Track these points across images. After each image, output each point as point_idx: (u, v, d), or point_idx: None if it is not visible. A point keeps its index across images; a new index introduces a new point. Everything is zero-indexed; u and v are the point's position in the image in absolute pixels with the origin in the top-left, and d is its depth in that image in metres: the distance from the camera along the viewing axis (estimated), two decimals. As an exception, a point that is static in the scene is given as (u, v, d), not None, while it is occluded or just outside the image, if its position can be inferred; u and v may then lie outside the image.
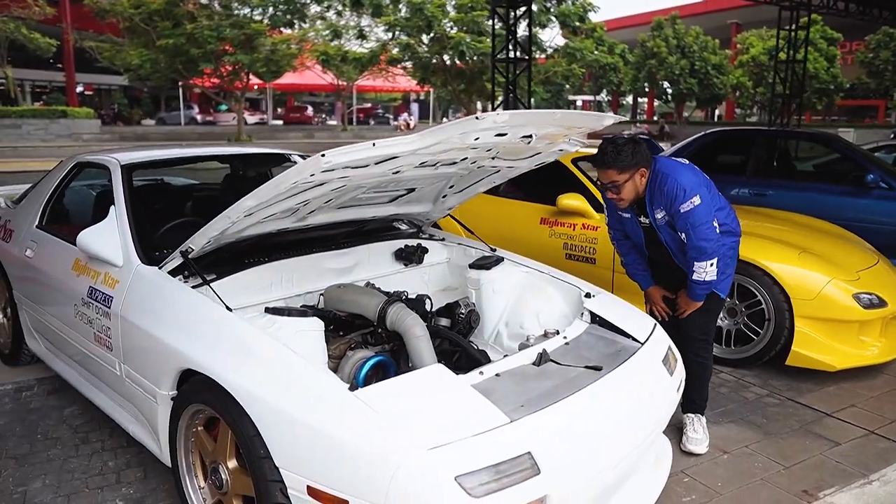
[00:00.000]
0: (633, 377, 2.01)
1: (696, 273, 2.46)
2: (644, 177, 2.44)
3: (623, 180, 2.41)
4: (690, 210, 2.39)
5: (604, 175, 2.44)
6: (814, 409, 3.05)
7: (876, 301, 3.37)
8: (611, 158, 2.38)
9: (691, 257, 2.45)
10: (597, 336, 2.24)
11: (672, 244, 2.55)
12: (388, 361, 2.14)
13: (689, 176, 2.44)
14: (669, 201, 2.41)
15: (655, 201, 2.47)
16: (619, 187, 2.43)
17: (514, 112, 1.68)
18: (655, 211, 2.50)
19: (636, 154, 2.39)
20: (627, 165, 2.38)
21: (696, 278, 2.47)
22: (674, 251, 2.57)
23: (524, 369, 1.93)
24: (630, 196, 2.47)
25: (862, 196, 5.36)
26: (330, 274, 2.58)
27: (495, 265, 2.70)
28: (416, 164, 2.04)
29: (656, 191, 2.45)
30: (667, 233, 2.53)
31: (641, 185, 2.45)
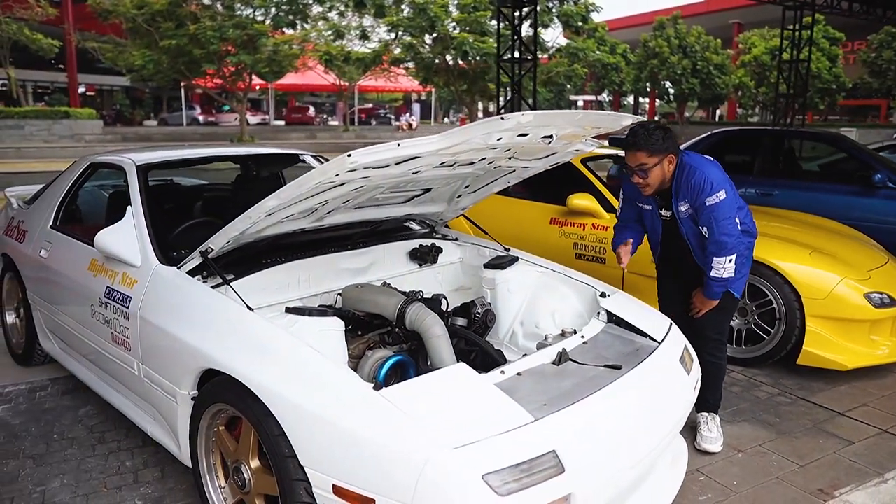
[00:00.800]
0: (651, 376, 2.01)
1: (715, 269, 2.45)
2: (672, 164, 2.42)
3: (652, 164, 2.39)
4: (716, 204, 2.39)
5: (633, 157, 2.41)
6: (826, 409, 3.06)
7: (887, 300, 3.38)
8: (642, 140, 2.36)
9: (711, 252, 2.44)
10: (614, 335, 2.25)
11: (692, 239, 2.54)
12: (408, 361, 2.15)
13: (716, 171, 2.45)
14: (696, 193, 2.41)
15: (681, 192, 2.46)
16: (647, 171, 2.40)
17: (539, 112, 1.69)
18: (680, 203, 2.48)
19: (667, 139, 2.39)
20: (658, 149, 2.37)
21: (715, 275, 2.46)
22: (693, 247, 2.55)
23: (544, 368, 1.94)
24: (656, 182, 2.44)
25: (869, 196, 5.36)
26: (346, 274, 2.59)
27: (510, 265, 2.71)
28: (435, 164, 2.05)
29: (682, 182, 2.44)
30: (689, 227, 2.52)
31: (669, 172, 2.44)
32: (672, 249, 2.68)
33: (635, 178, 2.46)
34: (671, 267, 2.77)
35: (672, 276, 2.79)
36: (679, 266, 2.70)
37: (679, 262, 2.68)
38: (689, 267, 2.63)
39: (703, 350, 2.66)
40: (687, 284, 2.70)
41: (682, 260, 2.65)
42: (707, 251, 2.47)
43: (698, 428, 2.70)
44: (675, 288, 2.77)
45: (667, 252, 2.73)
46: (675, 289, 2.77)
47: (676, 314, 2.68)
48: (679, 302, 2.75)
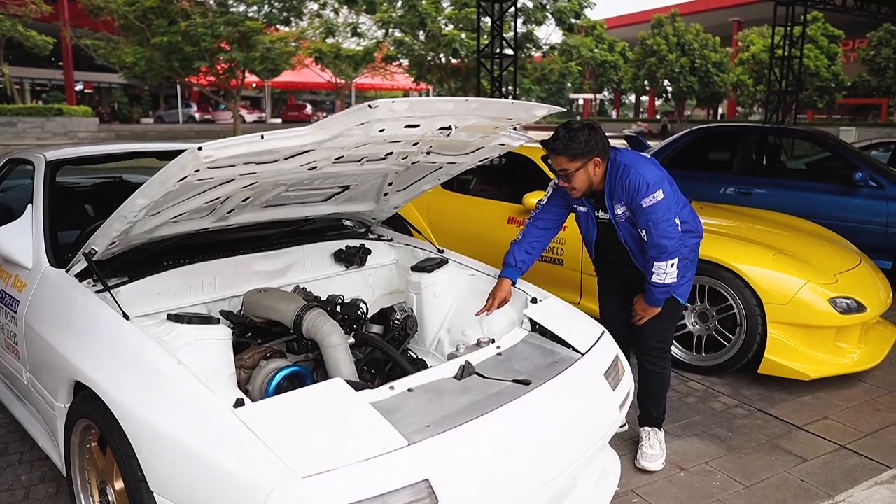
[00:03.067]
0: (566, 392, 1.83)
1: (656, 275, 2.28)
2: (598, 167, 2.26)
3: (574, 168, 2.23)
4: (653, 205, 2.22)
5: (555, 161, 2.26)
6: (784, 422, 2.87)
7: (854, 306, 3.19)
8: (562, 144, 2.21)
9: (651, 257, 2.27)
10: (534, 346, 2.07)
11: (631, 243, 2.37)
12: (304, 372, 1.97)
13: (653, 169, 2.26)
14: (631, 195, 2.23)
15: (616, 195, 2.29)
16: (571, 176, 2.25)
17: (415, 99, 1.52)
18: (616, 206, 2.31)
19: (590, 141, 2.21)
20: (579, 153, 2.20)
21: (656, 280, 2.29)
22: (633, 251, 2.39)
23: (443, 384, 1.76)
24: (583, 186, 2.29)
25: (850, 195, 5.17)
26: (257, 277, 2.42)
27: (437, 268, 2.53)
28: (331, 159, 1.87)
29: (617, 183, 2.27)
30: (627, 230, 2.35)
31: (596, 175, 2.27)
32: (610, 253, 2.50)
33: (561, 183, 2.32)
34: (610, 271, 2.59)
35: (611, 281, 2.61)
36: (618, 270, 2.52)
37: (618, 267, 2.51)
38: (630, 270, 2.45)
39: (646, 360, 2.49)
40: (628, 289, 2.52)
41: (621, 264, 2.47)
42: (647, 255, 2.30)
43: (640, 444, 2.52)
44: (616, 292, 2.59)
45: (604, 256, 2.56)
46: (616, 293, 2.60)
47: (617, 321, 2.51)
48: (620, 308, 2.57)
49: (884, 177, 5.14)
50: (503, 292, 2.34)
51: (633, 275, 2.43)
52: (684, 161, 6.08)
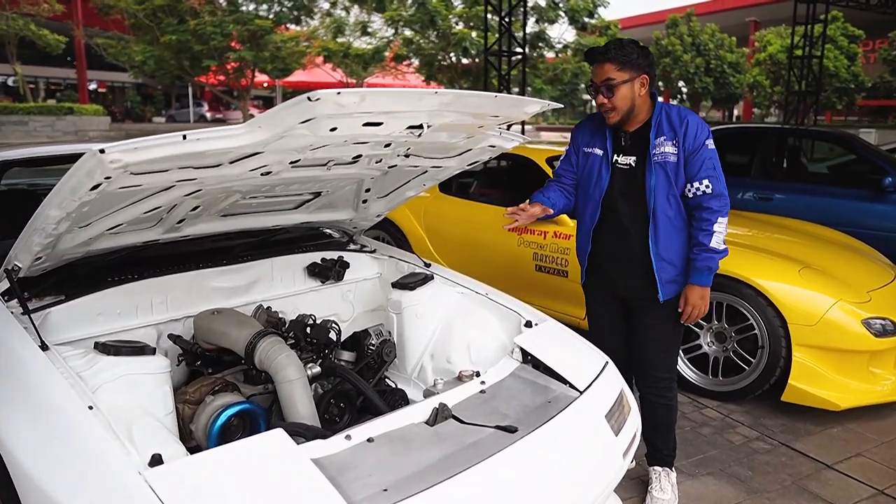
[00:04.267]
0: (559, 440, 1.54)
1: (716, 236, 1.96)
2: (645, 87, 1.99)
3: (620, 79, 1.95)
4: (713, 148, 1.97)
5: (599, 70, 1.98)
6: (811, 459, 2.55)
7: (890, 327, 2.86)
8: (613, 51, 1.95)
9: (714, 211, 1.96)
10: (525, 381, 1.78)
11: (660, 197, 2.00)
12: (256, 410, 1.70)
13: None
14: (694, 131, 1.96)
15: (664, 129, 2.00)
16: (615, 88, 1.95)
17: (370, 91, 1.24)
18: (657, 144, 1.99)
19: (643, 56, 1.97)
20: (630, 63, 1.94)
21: (715, 245, 1.97)
22: (656, 210, 2.01)
23: (411, 431, 1.48)
24: (623, 106, 1.98)
25: (879, 201, 4.82)
26: (217, 294, 2.15)
27: (421, 285, 2.25)
28: (286, 163, 1.60)
29: (674, 116, 2.00)
30: (660, 176, 1.99)
31: (639, 98, 1.99)
32: (616, 226, 2.10)
33: (599, 99, 2.00)
34: (603, 268, 2.20)
35: (604, 296, 2.24)
36: (615, 265, 2.15)
37: (615, 259, 2.13)
38: (631, 263, 2.08)
39: (651, 392, 2.19)
40: (623, 303, 2.19)
41: (620, 250, 2.10)
42: (702, 214, 1.98)
43: (650, 487, 2.22)
44: (610, 310, 2.25)
45: (609, 231, 2.13)
46: (610, 311, 2.25)
47: (613, 346, 2.16)
48: (616, 331, 2.25)
49: (916, 182, 4.78)
50: (532, 208, 2.16)
51: (635, 271, 2.07)
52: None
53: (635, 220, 2.05)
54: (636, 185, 2.03)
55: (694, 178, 1.98)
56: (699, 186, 1.98)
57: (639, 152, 2.04)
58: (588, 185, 2.14)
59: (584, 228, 2.20)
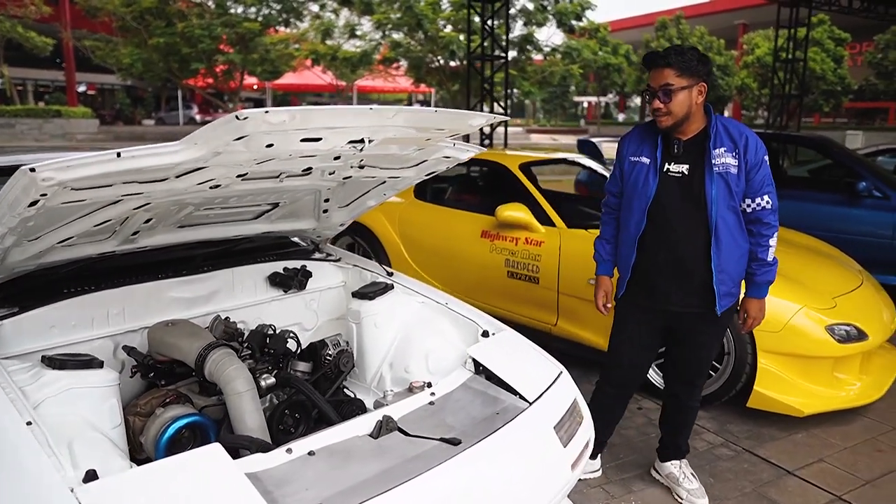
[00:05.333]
0: (504, 452, 1.55)
1: (771, 251, 2.04)
2: (702, 95, 1.95)
3: (679, 86, 1.92)
4: (769, 165, 2.00)
5: (658, 75, 1.94)
6: (773, 465, 2.57)
7: (854, 333, 2.89)
8: (674, 56, 1.92)
9: (771, 225, 2.01)
10: (476, 392, 1.79)
11: (723, 209, 1.95)
12: (206, 423, 1.70)
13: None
14: (754, 146, 1.95)
15: (723, 140, 1.97)
16: (672, 94, 1.91)
17: (300, 109, 1.24)
18: (717, 154, 1.95)
19: (702, 64, 1.94)
20: (690, 70, 1.91)
21: (771, 259, 2.05)
22: (717, 222, 1.95)
23: (354, 444, 1.49)
24: (680, 112, 1.94)
25: (853, 206, 4.87)
26: (175, 305, 2.14)
27: (381, 294, 2.26)
28: (232, 176, 1.61)
29: (722, 132, 1.98)
30: (720, 188, 1.94)
31: (696, 105, 1.95)
32: (661, 236, 2.02)
33: (655, 104, 1.96)
34: (652, 280, 2.09)
35: (647, 301, 2.12)
36: (667, 278, 2.06)
37: (667, 271, 2.05)
38: (686, 275, 2.03)
39: (689, 398, 2.30)
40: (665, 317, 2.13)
41: (672, 261, 2.03)
42: (760, 229, 2.01)
43: (676, 482, 2.35)
44: (645, 319, 2.17)
45: (649, 242, 2.05)
46: (645, 321, 2.18)
47: (639, 361, 2.28)
48: (647, 345, 2.24)
49: (890, 186, 4.84)
50: (605, 287, 2.28)
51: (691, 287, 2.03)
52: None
53: (692, 230, 2.01)
54: (692, 194, 1.99)
55: (756, 193, 1.98)
56: (760, 202, 1.99)
57: (693, 161, 2.00)
58: (633, 193, 2.08)
59: (628, 238, 2.11)
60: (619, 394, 2.36)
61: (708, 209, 1.96)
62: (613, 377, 2.33)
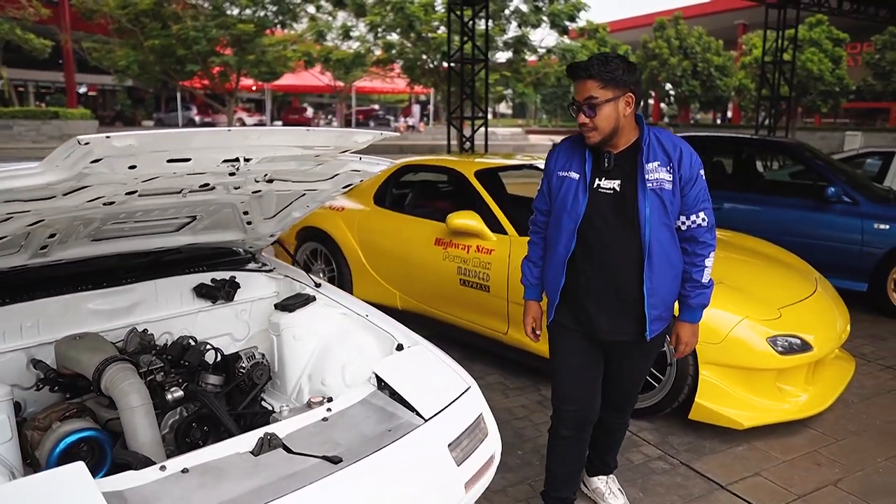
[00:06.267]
0: (386, 471, 1.54)
1: (706, 272, 1.92)
2: (630, 106, 1.81)
3: (603, 98, 1.78)
4: (705, 179, 1.87)
5: (581, 88, 1.80)
6: (707, 479, 2.55)
7: (797, 345, 2.86)
8: (596, 66, 1.77)
9: (707, 245, 1.89)
10: (375, 408, 1.78)
11: (656, 228, 1.82)
12: (101, 437, 1.70)
13: None
14: (689, 159, 1.83)
15: (655, 153, 1.83)
16: (596, 108, 1.78)
17: (149, 133, 1.24)
18: (650, 169, 1.81)
19: (628, 73, 1.79)
20: (613, 80, 1.77)
21: (706, 281, 1.93)
22: (650, 240, 1.82)
23: (231, 462, 1.48)
24: (606, 126, 1.80)
25: (823, 211, 4.84)
26: (95, 317, 2.15)
27: (302, 306, 2.26)
28: (122, 194, 1.60)
29: (655, 145, 1.84)
30: (654, 205, 1.81)
31: (624, 118, 1.81)
32: (592, 258, 1.88)
33: (580, 118, 1.82)
34: (580, 306, 1.94)
35: (579, 328, 1.97)
36: (596, 303, 1.91)
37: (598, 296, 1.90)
38: (618, 301, 1.89)
39: (618, 420, 2.24)
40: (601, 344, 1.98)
41: (604, 286, 1.88)
42: (695, 248, 1.89)
43: (601, 497, 2.33)
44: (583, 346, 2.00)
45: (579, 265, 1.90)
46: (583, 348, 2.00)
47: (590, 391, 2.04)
48: (591, 371, 2.03)
49: (859, 192, 4.81)
50: (534, 314, 2.14)
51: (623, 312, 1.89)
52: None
53: (624, 251, 1.86)
54: (624, 212, 1.84)
55: (691, 210, 1.86)
56: (695, 219, 1.87)
57: (625, 176, 1.85)
58: (562, 211, 1.91)
59: (556, 260, 1.95)
60: (577, 437, 2.09)
61: (641, 228, 1.82)
62: (566, 416, 2.06)
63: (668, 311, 1.96)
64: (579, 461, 2.18)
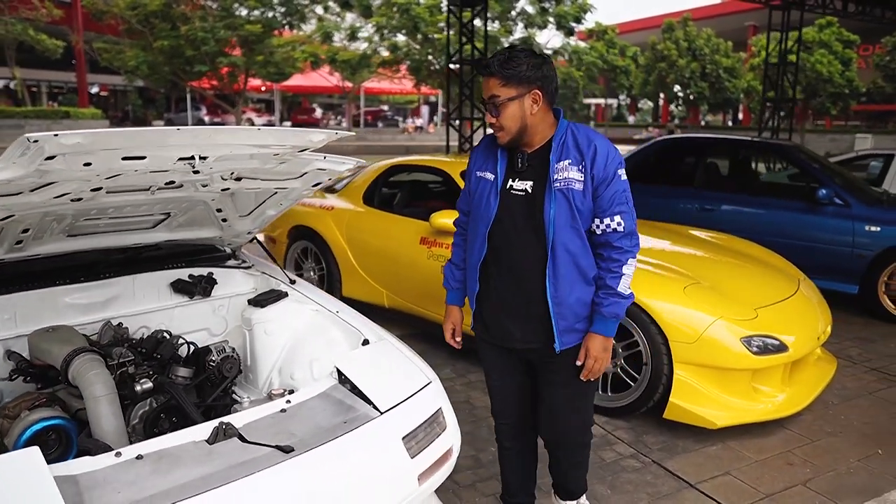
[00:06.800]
0: (335, 461, 1.58)
1: (624, 281, 1.72)
2: (538, 103, 1.68)
3: (506, 96, 1.67)
4: (626, 180, 1.71)
5: (486, 86, 1.72)
6: (677, 478, 2.57)
7: (773, 346, 2.88)
8: (497, 63, 1.67)
9: (623, 250, 1.71)
10: (334, 400, 1.82)
11: (562, 231, 1.70)
12: (68, 426, 1.75)
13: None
14: (604, 158, 1.68)
15: (568, 152, 1.71)
16: (500, 107, 1.68)
17: (97, 132, 1.29)
18: (559, 168, 1.70)
19: (535, 69, 1.66)
20: (516, 77, 1.65)
21: (622, 290, 1.73)
22: (556, 243, 1.71)
23: (186, 449, 1.53)
24: (513, 127, 1.70)
25: (814, 213, 4.83)
26: (72, 310, 2.21)
27: (274, 302, 2.31)
28: (87, 190, 1.66)
29: (570, 142, 1.72)
30: (561, 206, 1.69)
31: (532, 116, 1.69)
32: (503, 264, 1.79)
33: (488, 118, 1.74)
34: (494, 315, 1.86)
35: (497, 339, 1.89)
36: (508, 312, 1.82)
37: (508, 304, 1.81)
38: (527, 309, 1.78)
39: (565, 446, 2.00)
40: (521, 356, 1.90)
41: (514, 294, 1.79)
42: (611, 254, 1.73)
43: None
44: (507, 361, 1.93)
45: (491, 271, 1.82)
46: (507, 361, 1.93)
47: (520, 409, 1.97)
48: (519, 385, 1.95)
49: (851, 194, 4.79)
50: (454, 318, 2.02)
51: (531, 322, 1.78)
52: (646, 174, 5.78)
53: (531, 256, 1.75)
54: (533, 215, 1.73)
55: (605, 213, 1.71)
56: (609, 223, 1.71)
57: (537, 177, 1.74)
58: (476, 214, 1.83)
59: (471, 264, 1.86)
60: (518, 447, 2.06)
61: (545, 231, 1.71)
62: (502, 429, 2.05)
63: (584, 322, 1.80)
64: (529, 469, 2.12)
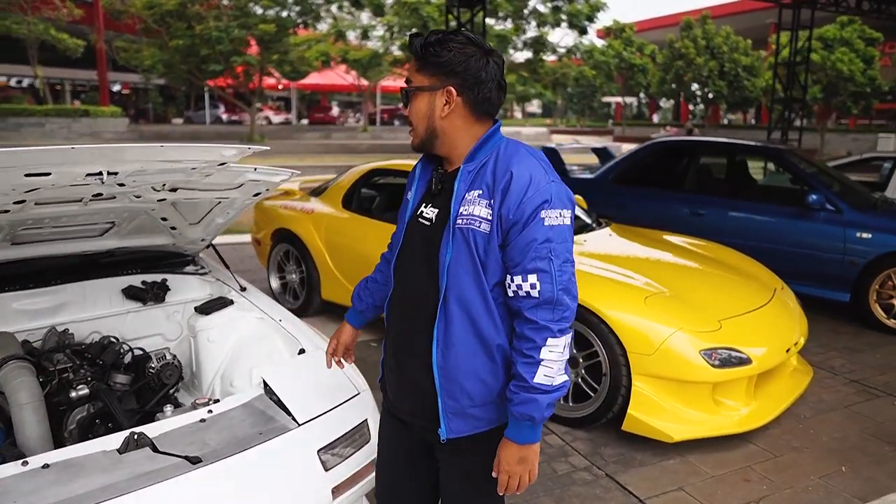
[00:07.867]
0: (243, 472, 1.60)
1: (544, 369, 1.23)
2: (449, 104, 1.29)
3: (417, 82, 1.31)
4: (558, 226, 1.24)
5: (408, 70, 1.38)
6: (627, 493, 2.54)
7: (734, 358, 2.83)
8: (420, 43, 1.31)
9: (540, 328, 1.23)
10: (256, 411, 1.84)
11: (458, 277, 1.28)
12: (-5, 432, 1.80)
13: (560, 180, 1.30)
14: (514, 194, 1.23)
15: (480, 179, 1.29)
16: (410, 95, 1.33)
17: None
18: (467, 199, 1.28)
19: (460, 57, 1.27)
20: (434, 65, 1.28)
21: (542, 381, 1.23)
22: (448, 294, 1.28)
23: (93, 459, 1.55)
24: (419, 126, 1.33)
25: (805, 219, 4.73)
26: (20, 316, 2.26)
27: (218, 309, 2.33)
28: (9, 203, 1.70)
29: (489, 167, 1.29)
30: (460, 248, 1.28)
31: (442, 121, 1.30)
32: (400, 308, 1.41)
33: (403, 110, 1.38)
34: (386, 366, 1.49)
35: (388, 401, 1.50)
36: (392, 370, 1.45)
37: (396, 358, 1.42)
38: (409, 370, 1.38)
39: None
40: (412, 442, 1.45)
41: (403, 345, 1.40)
42: (523, 329, 1.25)
43: None
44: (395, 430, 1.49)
45: (393, 314, 1.44)
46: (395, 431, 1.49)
47: (407, 491, 1.51)
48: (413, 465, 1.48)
49: (843, 200, 4.68)
50: (342, 336, 1.64)
51: (412, 388, 1.38)
52: (637, 177, 5.72)
53: (425, 307, 1.33)
54: (430, 256, 1.33)
55: (514, 267, 1.25)
56: (521, 284, 1.24)
57: (443, 206, 1.34)
58: (394, 239, 1.50)
59: (386, 302, 1.50)
60: None
61: (439, 278, 1.30)
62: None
63: (486, 409, 1.33)
64: None
